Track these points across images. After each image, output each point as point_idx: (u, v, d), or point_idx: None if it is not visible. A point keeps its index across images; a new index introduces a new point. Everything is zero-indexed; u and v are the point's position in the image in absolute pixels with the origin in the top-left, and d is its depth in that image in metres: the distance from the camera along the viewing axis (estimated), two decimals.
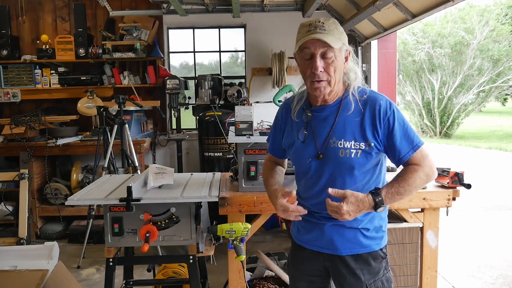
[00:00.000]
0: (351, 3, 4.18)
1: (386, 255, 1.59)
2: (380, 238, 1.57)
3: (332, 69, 1.45)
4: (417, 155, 1.48)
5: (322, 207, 1.51)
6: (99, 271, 3.65)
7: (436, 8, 3.25)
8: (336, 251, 1.56)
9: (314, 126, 1.55)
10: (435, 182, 2.39)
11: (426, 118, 15.95)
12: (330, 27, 1.44)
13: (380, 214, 1.56)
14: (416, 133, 1.52)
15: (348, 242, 1.54)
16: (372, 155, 1.49)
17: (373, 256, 1.56)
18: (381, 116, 1.47)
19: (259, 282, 2.84)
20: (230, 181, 2.56)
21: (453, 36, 14.99)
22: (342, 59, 1.49)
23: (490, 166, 9.67)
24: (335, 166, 1.50)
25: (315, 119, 1.56)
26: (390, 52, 5.03)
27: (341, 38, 1.47)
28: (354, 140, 1.48)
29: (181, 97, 4.73)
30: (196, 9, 4.86)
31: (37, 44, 5.05)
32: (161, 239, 2.04)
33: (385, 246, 1.60)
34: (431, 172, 1.50)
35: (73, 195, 2.06)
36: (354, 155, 1.47)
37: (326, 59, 1.44)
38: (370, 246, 1.55)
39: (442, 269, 3.60)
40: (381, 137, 1.48)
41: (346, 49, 1.51)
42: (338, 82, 1.50)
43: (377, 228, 1.56)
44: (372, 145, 1.47)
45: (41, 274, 2.21)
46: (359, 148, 1.48)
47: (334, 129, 1.51)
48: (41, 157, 4.44)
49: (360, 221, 1.53)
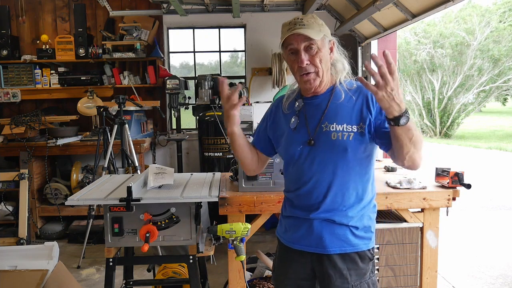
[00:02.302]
0: (351, 3, 4.18)
1: (373, 257, 1.59)
2: (368, 238, 1.57)
3: (317, 59, 1.49)
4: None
5: (312, 196, 1.54)
6: (99, 271, 3.65)
7: (436, 8, 3.24)
8: (325, 249, 1.54)
9: (306, 113, 1.58)
10: (435, 182, 2.39)
11: (426, 118, 15.96)
12: (309, 21, 1.48)
13: (369, 214, 1.57)
14: None
15: (337, 240, 1.53)
16: (364, 140, 1.48)
17: (361, 256, 1.55)
18: (374, 98, 1.45)
19: (259, 282, 2.84)
20: (230, 181, 2.56)
21: (455, 36, 15.00)
22: (326, 49, 1.52)
23: (490, 166, 9.67)
24: (326, 150, 1.51)
25: (307, 106, 1.59)
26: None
27: (322, 29, 1.50)
28: (346, 123, 1.49)
29: (181, 97, 4.73)
30: (196, 9, 4.86)
31: (37, 44, 5.06)
32: (161, 239, 2.04)
33: (373, 248, 1.59)
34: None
35: (73, 195, 2.06)
36: (347, 137, 1.48)
37: (310, 52, 1.48)
38: (358, 246, 1.54)
39: (442, 269, 3.60)
40: (373, 117, 1.48)
41: (329, 40, 1.54)
42: (326, 72, 1.53)
43: (366, 228, 1.56)
44: (364, 127, 1.48)
45: (41, 274, 2.21)
46: (352, 131, 1.48)
47: (326, 114, 1.53)
48: (41, 157, 4.44)
49: (350, 217, 1.53)
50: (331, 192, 1.52)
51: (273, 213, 2.28)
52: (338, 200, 1.52)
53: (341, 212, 1.53)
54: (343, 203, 1.52)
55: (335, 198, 1.52)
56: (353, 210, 1.53)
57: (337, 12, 4.88)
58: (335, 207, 1.53)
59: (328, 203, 1.53)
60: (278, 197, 2.23)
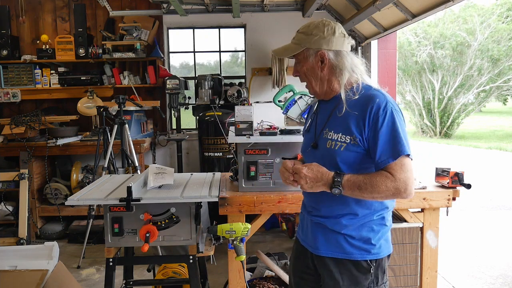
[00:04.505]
0: (351, 3, 4.18)
1: (371, 268, 1.50)
2: (366, 250, 1.50)
3: (302, 71, 1.57)
4: (396, 165, 1.39)
5: (313, 201, 1.59)
6: (99, 271, 3.65)
7: (436, 8, 3.25)
8: (317, 250, 1.56)
9: (318, 117, 1.62)
10: (435, 182, 2.39)
11: (426, 118, 15.96)
12: (298, 35, 1.56)
13: (372, 226, 1.51)
14: (405, 142, 1.41)
15: (330, 244, 1.53)
16: (357, 152, 1.45)
17: (355, 264, 1.50)
18: (372, 113, 1.42)
19: (259, 282, 2.84)
20: (230, 181, 2.56)
21: (455, 37, 15.00)
22: (311, 62, 1.53)
23: (490, 166, 9.67)
24: (323, 156, 1.52)
25: (321, 110, 1.63)
26: (390, 52, 5.03)
27: (306, 42, 1.52)
28: (342, 133, 1.48)
29: (181, 97, 4.73)
30: (196, 9, 4.86)
31: (37, 44, 5.06)
32: (161, 239, 2.04)
33: (375, 260, 1.51)
34: (403, 189, 1.38)
35: (73, 195, 2.06)
36: (338, 147, 1.48)
37: (296, 65, 1.59)
38: (352, 255, 1.50)
39: (442, 269, 3.60)
40: (366, 135, 1.45)
41: (316, 51, 1.52)
42: (319, 82, 1.56)
43: (365, 239, 1.50)
44: (357, 140, 1.44)
45: (41, 274, 2.21)
46: (344, 141, 1.47)
47: (329, 120, 1.55)
48: (41, 157, 4.44)
49: (344, 226, 1.51)
50: (324, 198, 1.52)
51: (273, 213, 2.28)
52: (331, 207, 1.53)
53: (334, 219, 1.52)
54: (336, 211, 1.52)
55: (329, 205, 1.53)
56: (347, 219, 1.51)
57: (337, 12, 4.88)
58: (329, 213, 1.54)
59: (323, 209, 1.55)
60: (278, 197, 2.24)
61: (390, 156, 1.40)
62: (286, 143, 2.30)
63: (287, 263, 3.08)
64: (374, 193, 1.39)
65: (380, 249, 1.52)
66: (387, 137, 1.41)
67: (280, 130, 2.40)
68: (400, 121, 1.44)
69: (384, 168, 1.41)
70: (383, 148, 1.41)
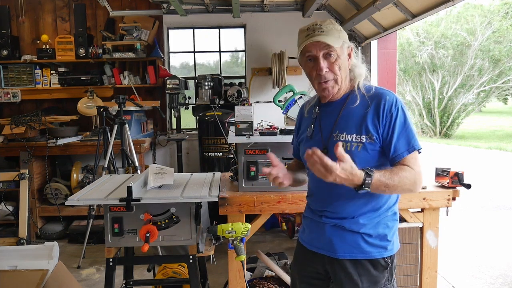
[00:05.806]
0: (351, 3, 4.18)
1: (388, 265, 1.52)
2: (383, 247, 1.51)
3: (336, 67, 1.48)
4: (412, 158, 1.45)
5: (325, 204, 1.54)
6: (99, 271, 3.65)
7: (436, 8, 3.25)
8: (335, 253, 1.53)
9: (321, 121, 1.58)
10: (435, 182, 2.39)
11: (426, 118, 15.96)
12: (328, 27, 1.46)
13: (386, 222, 1.52)
14: (416, 137, 1.48)
15: (347, 246, 1.51)
16: (373, 150, 1.46)
17: (373, 263, 1.50)
18: (385, 110, 1.45)
19: (259, 282, 2.84)
20: (230, 181, 2.56)
21: (456, 37, 14.99)
22: (345, 56, 1.50)
23: (490, 166, 9.67)
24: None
25: (322, 114, 1.59)
26: (390, 52, 5.03)
27: (341, 36, 1.48)
28: (356, 133, 1.47)
29: (181, 97, 4.73)
30: (196, 9, 4.86)
31: (37, 44, 5.06)
32: (161, 239, 2.04)
33: (390, 256, 1.53)
34: (419, 181, 1.45)
35: (73, 195, 2.06)
36: (355, 148, 1.47)
37: (329, 59, 1.47)
38: (371, 253, 1.50)
39: (442, 269, 3.60)
40: (381, 131, 1.46)
41: (347, 46, 1.52)
42: (345, 79, 1.52)
43: (381, 236, 1.51)
44: (373, 138, 1.45)
45: (41, 274, 2.21)
46: (360, 141, 1.46)
47: (338, 122, 1.52)
48: (41, 157, 4.44)
49: (362, 225, 1.50)
50: (341, 200, 1.51)
51: (273, 213, 2.28)
52: (348, 207, 1.51)
53: (351, 219, 1.51)
54: (354, 210, 1.51)
55: (345, 206, 1.51)
56: (365, 217, 1.50)
57: (337, 12, 4.88)
58: (346, 214, 1.51)
59: (339, 210, 1.52)
60: (278, 197, 2.24)
61: (405, 150, 1.45)
62: (286, 143, 2.29)
63: (287, 263, 3.08)
64: (398, 189, 1.43)
65: (393, 245, 1.55)
66: (401, 132, 1.45)
67: (280, 130, 2.40)
68: (409, 116, 1.49)
69: (400, 162, 1.45)
70: (398, 143, 1.45)
